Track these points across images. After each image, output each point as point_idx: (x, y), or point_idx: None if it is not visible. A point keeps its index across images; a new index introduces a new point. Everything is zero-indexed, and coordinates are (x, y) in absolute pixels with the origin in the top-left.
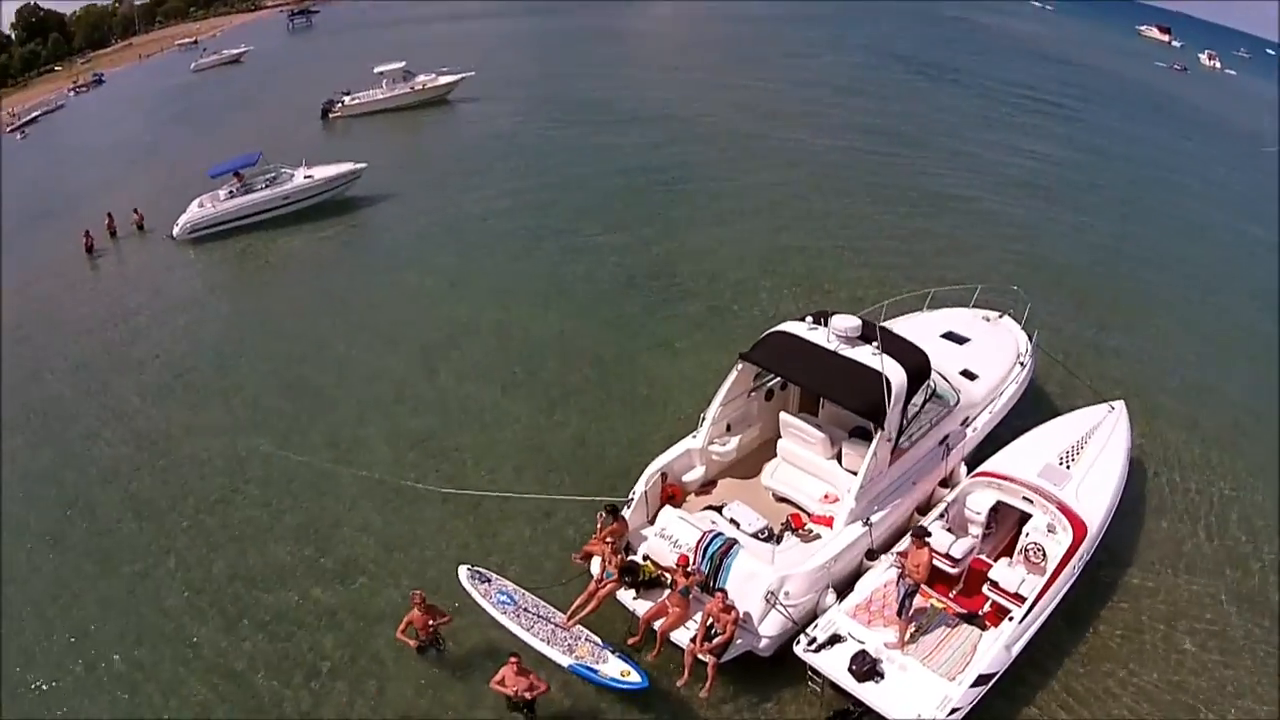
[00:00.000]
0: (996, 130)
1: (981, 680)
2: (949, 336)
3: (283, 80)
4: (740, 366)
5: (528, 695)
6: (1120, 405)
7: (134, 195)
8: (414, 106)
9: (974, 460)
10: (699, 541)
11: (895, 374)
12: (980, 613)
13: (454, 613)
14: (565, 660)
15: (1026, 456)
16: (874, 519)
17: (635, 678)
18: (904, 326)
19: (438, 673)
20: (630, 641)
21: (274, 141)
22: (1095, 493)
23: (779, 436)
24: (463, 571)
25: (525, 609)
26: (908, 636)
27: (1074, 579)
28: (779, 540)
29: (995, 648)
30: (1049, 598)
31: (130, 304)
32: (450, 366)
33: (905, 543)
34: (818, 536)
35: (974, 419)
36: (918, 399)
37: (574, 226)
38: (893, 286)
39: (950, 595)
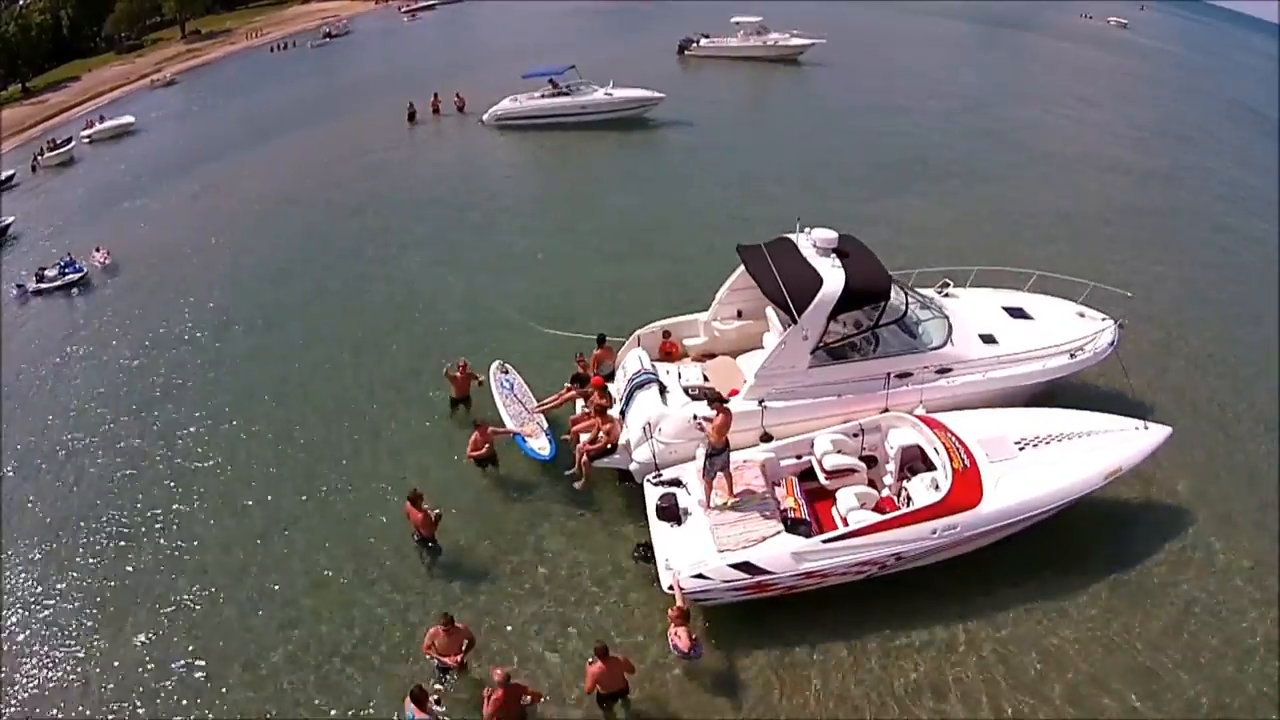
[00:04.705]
0: None
1: (746, 568)
2: (1011, 310)
3: (669, 19)
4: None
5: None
6: (1158, 430)
7: (472, 83)
8: (763, 60)
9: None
10: (634, 374)
11: (833, 281)
12: (808, 524)
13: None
14: (514, 430)
15: (988, 422)
16: (770, 405)
17: (545, 452)
18: (980, 294)
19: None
20: (564, 436)
21: (629, 64)
22: (1027, 486)
23: None
24: (494, 364)
25: (516, 396)
26: (721, 501)
27: (921, 545)
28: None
29: (781, 549)
30: (871, 540)
31: (420, 157)
32: (644, 260)
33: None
34: None
35: (958, 374)
36: (857, 315)
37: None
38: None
39: (809, 504)
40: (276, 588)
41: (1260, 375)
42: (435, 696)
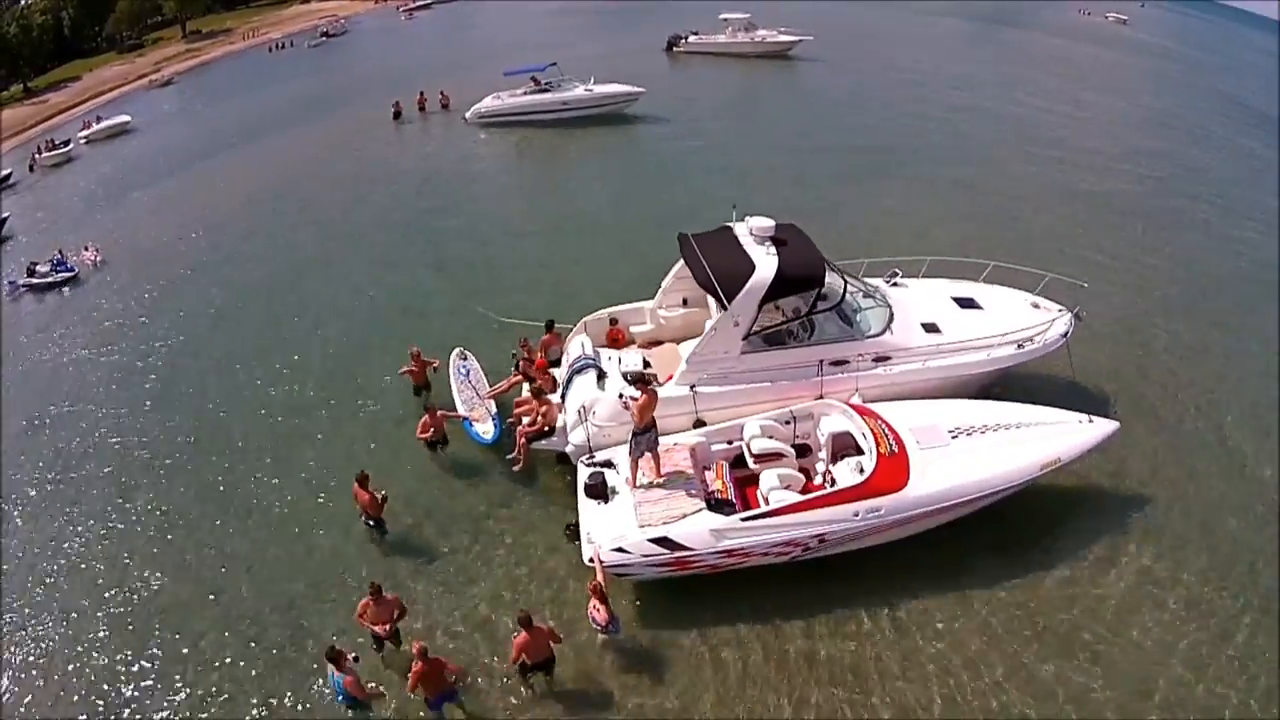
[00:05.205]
0: None
1: (665, 543)
2: (961, 300)
3: (660, 16)
4: None
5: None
6: (1104, 424)
7: (462, 80)
8: (751, 56)
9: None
10: (575, 359)
11: (765, 267)
12: (732, 505)
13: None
14: (463, 414)
15: (922, 411)
16: (701, 390)
17: (488, 436)
18: (930, 284)
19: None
20: (508, 419)
21: (617, 60)
22: (958, 472)
23: None
24: (455, 351)
25: (470, 382)
26: (647, 481)
27: (844, 527)
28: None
29: (701, 526)
30: (791, 520)
31: (405, 154)
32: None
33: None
34: None
35: (896, 362)
36: (796, 302)
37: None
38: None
39: (739, 488)
40: (223, 569)
41: (1222, 370)
42: (353, 654)
